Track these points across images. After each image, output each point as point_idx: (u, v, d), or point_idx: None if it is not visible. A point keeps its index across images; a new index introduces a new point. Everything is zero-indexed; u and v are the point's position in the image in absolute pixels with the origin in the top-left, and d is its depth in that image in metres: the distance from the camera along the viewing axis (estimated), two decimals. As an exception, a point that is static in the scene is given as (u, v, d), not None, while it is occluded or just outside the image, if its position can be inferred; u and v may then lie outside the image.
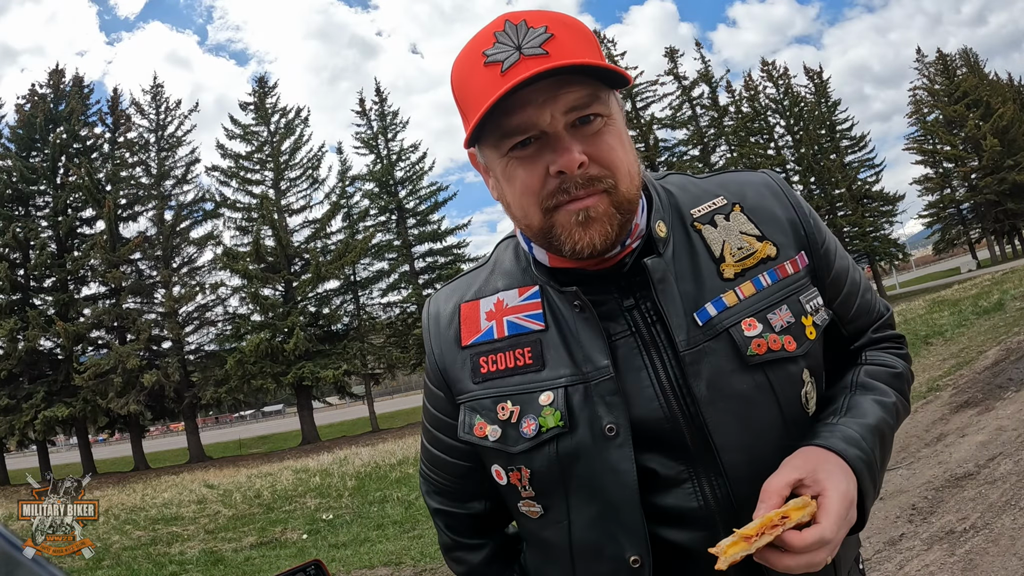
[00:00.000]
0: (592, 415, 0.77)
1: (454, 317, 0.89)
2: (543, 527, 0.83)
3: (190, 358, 25.92)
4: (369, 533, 6.36)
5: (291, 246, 26.89)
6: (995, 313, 11.37)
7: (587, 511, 0.79)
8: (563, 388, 0.78)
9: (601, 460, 0.77)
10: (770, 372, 0.78)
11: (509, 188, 0.78)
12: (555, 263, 0.83)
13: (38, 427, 21.86)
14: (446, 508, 0.97)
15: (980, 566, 2.95)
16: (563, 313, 0.82)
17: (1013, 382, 6.20)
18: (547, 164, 0.74)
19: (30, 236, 24.05)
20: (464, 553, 0.97)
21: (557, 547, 0.83)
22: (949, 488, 4.01)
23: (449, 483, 0.95)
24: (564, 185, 0.74)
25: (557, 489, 0.80)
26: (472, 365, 0.85)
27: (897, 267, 43.78)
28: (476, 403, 0.84)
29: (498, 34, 0.72)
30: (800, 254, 0.84)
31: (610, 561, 0.78)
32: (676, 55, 32.88)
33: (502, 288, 0.87)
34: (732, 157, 32.10)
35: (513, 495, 0.84)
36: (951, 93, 36.64)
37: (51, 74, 26.67)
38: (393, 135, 30.29)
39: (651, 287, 0.79)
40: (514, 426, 0.80)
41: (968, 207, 37.12)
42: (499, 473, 0.84)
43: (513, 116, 0.72)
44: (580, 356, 0.79)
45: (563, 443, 0.78)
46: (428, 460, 0.97)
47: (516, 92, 0.70)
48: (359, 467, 10.87)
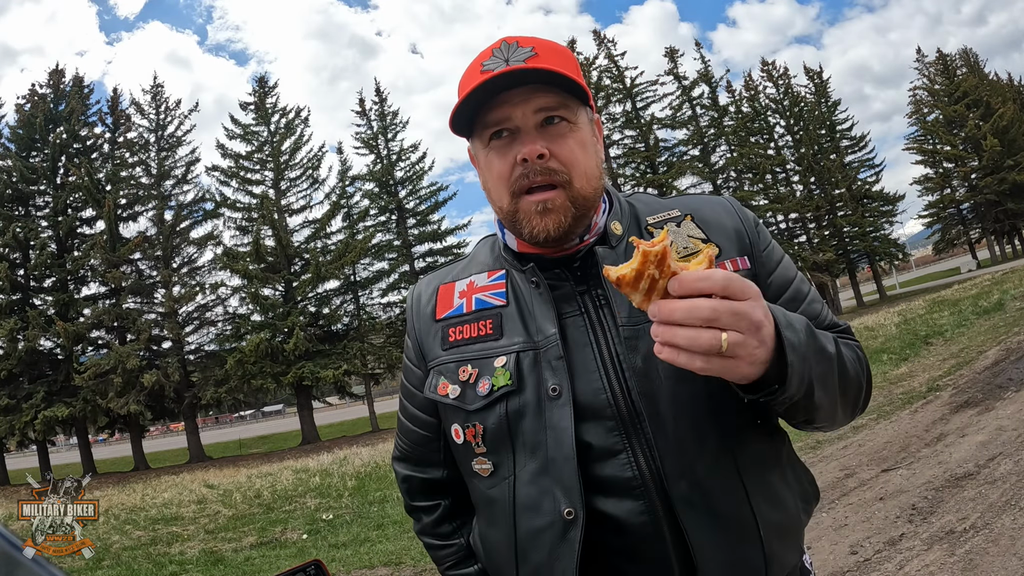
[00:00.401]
0: (539, 378, 0.86)
1: (432, 296, 1.02)
2: (491, 485, 0.91)
3: (190, 358, 25.91)
4: (369, 533, 6.36)
5: (291, 246, 26.89)
6: (995, 313, 11.37)
7: (530, 466, 0.86)
8: (515, 353, 0.89)
9: (544, 418, 0.85)
10: None
11: (488, 174, 0.92)
12: (521, 248, 0.95)
13: (38, 427, 21.85)
14: (408, 473, 1.09)
15: (980, 566, 2.95)
16: (523, 291, 0.93)
17: (1013, 382, 6.20)
18: (515, 154, 0.87)
19: (30, 236, 24.04)
20: (420, 512, 1.09)
21: (501, 504, 0.90)
22: (949, 488, 4.01)
23: (412, 450, 1.07)
24: (526, 171, 0.86)
25: (505, 445, 0.88)
26: (443, 335, 0.97)
27: (897, 267, 43.78)
28: (443, 366, 0.95)
29: (495, 51, 0.87)
30: (742, 258, 0.93)
31: (547, 515, 0.84)
32: (676, 55, 32.88)
33: (475, 272, 1.01)
34: (732, 157, 32.08)
35: (468, 454, 0.93)
36: (951, 93, 36.63)
37: (51, 74, 26.68)
38: (393, 135, 30.30)
39: (598, 271, 0.89)
40: (472, 386, 0.90)
41: (968, 207, 37.11)
42: (457, 432, 0.93)
43: (493, 112, 0.88)
44: (533, 327, 0.89)
45: (512, 402, 0.87)
46: (399, 429, 1.10)
47: (499, 94, 0.86)
48: (359, 467, 10.86)
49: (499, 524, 0.91)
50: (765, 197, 32.34)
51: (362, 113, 30.51)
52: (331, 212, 28.18)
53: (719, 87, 33.29)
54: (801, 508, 0.91)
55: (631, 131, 32.02)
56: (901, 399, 7.19)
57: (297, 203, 28.20)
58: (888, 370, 9.17)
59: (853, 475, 4.88)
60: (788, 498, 0.88)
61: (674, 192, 30.85)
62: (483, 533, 0.98)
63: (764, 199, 32.27)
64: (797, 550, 0.91)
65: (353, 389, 28.62)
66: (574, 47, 32.62)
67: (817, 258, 31.57)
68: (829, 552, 3.57)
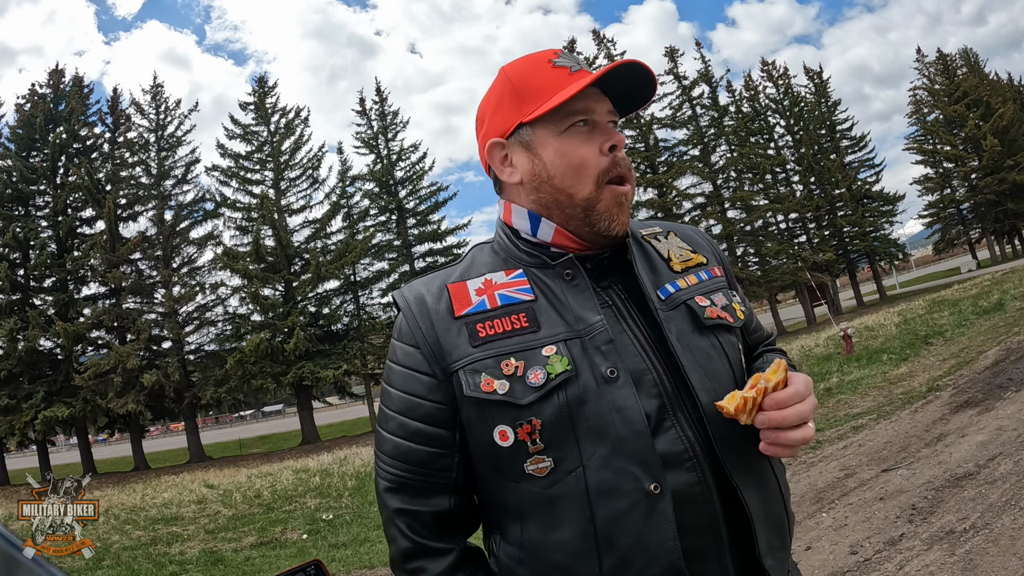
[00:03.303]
0: (592, 363, 0.85)
1: (442, 293, 0.93)
2: (552, 483, 0.84)
3: (190, 358, 25.88)
4: (369, 533, 6.36)
5: (291, 246, 26.87)
6: (995, 313, 11.38)
7: (600, 452, 0.83)
8: (563, 342, 0.87)
9: (607, 401, 0.84)
10: (720, 336, 0.94)
11: (562, 160, 0.92)
12: (557, 239, 0.95)
13: (38, 427, 21.84)
14: (407, 507, 0.91)
15: (980, 566, 2.95)
16: (550, 286, 0.92)
17: (1013, 382, 6.20)
18: (599, 143, 0.91)
19: (30, 236, 24.03)
20: (425, 561, 0.90)
21: (568, 500, 0.83)
22: (949, 488, 4.01)
23: (412, 475, 0.91)
24: (617, 162, 0.92)
25: (567, 436, 0.83)
26: (469, 331, 0.89)
27: (897, 267, 43.75)
28: (478, 363, 0.86)
29: (559, 53, 0.95)
30: (720, 267, 1.05)
31: (629, 495, 0.81)
32: (676, 55, 32.84)
33: (487, 272, 0.95)
34: (732, 157, 32.05)
35: (519, 456, 0.84)
36: (951, 93, 36.61)
37: (51, 74, 26.65)
38: (393, 135, 30.28)
39: (633, 264, 0.94)
40: (520, 379, 0.84)
41: (968, 207, 37.07)
42: (504, 434, 0.85)
43: (577, 102, 0.91)
44: (571, 318, 0.88)
45: (570, 389, 0.84)
46: (387, 453, 0.93)
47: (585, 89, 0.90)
48: (359, 467, 10.87)
49: (567, 522, 0.83)
50: (765, 197, 32.33)
51: (362, 113, 30.51)
52: (331, 212, 28.17)
53: (719, 87, 33.28)
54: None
55: (631, 131, 31.97)
56: (901, 399, 7.19)
57: (297, 203, 28.21)
58: (888, 370, 9.17)
59: (853, 475, 4.88)
60: (779, 466, 0.99)
61: (674, 192, 31.01)
62: (538, 541, 0.86)
63: (764, 199, 32.26)
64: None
65: (353, 389, 28.61)
66: (574, 47, 32.63)
67: (817, 258, 31.56)
68: (829, 552, 3.57)
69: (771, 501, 0.90)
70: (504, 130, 0.95)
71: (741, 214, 31.97)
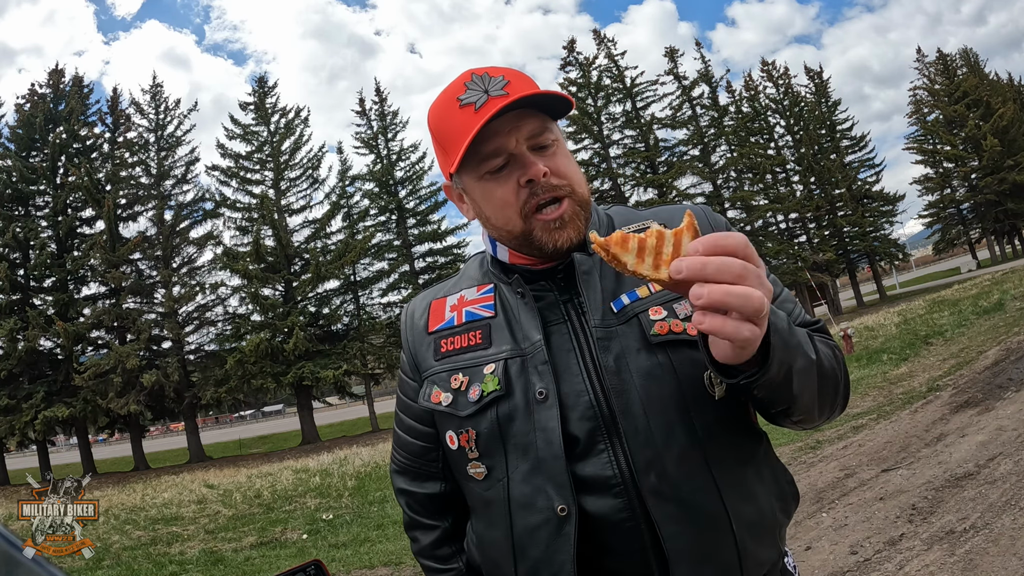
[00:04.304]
0: (527, 382, 0.90)
1: (425, 311, 1.06)
2: (487, 488, 0.94)
3: (190, 358, 25.89)
4: (369, 533, 6.36)
5: (291, 246, 26.88)
6: (995, 313, 11.38)
7: (521, 467, 0.89)
8: (503, 360, 0.92)
9: (532, 420, 0.88)
10: (672, 352, 0.88)
11: (488, 204, 0.94)
12: (513, 260, 0.98)
13: (38, 427, 21.85)
14: (408, 488, 1.10)
15: (980, 566, 2.95)
16: (510, 302, 0.97)
17: (1013, 382, 6.20)
18: (517, 178, 0.89)
19: (30, 236, 24.03)
20: (419, 532, 1.10)
21: (498, 504, 0.92)
22: (949, 488, 4.01)
23: (410, 462, 1.08)
24: (534, 191, 0.89)
25: (497, 448, 0.91)
26: (435, 346, 1.00)
27: (897, 267, 43.77)
28: (436, 376, 0.99)
29: (467, 84, 0.89)
30: None
31: (541, 512, 0.87)
32: (676, 55, 32.85)
33: (464, 287, 1.04)
34: (732, 157, 32.07)
35: (462, 459, 0.95)
36: (951, 93, 36.62)
37: (51, 74, 26.66)
38: (393, 135, 30.30)
39: (576, 281, 0.93)
40: (463, 393, 0.94)
41: (968, 207, 37.09)
42: (451, 438, 0.96)
43: (487, 143, 0.88)
44: (520, 335, 0.93)
45: (501, 407, 0.91)
46: (396, 442, 1.11)
47: (488, 124, 0.85)
48: (359, 467, 10.87)
49: (496, 524, 0.93)
50: (765, 197, 32.34)
51: (362, 113, 30.52)
52: (331, 212, 28.18)
53: (719, 87, 33.29)
54: (777, 507, 0.92)
55: (631, 131, 32.01)
56: (901, 399, 7.19)
57: (297, 203, 28.24)
58: (888, 370, 9.18)
59: (853, 475, 4.88)
60: (762, 495, 0.89)
61: (674, 192, 31.01)
62: (481, 533, 0.99)
63: (764, 199, 32.27)
64: (774, 548, 0.91)
65: (353, 389, 28.61)
66: (574, 47, 32.65)
67: (817, 258, 31.58)
68: (829, 552, 3.57)
69: (707, 534, 0.83)
70: (447, 175, 0.97)
71: (741, 214, 31.96)
